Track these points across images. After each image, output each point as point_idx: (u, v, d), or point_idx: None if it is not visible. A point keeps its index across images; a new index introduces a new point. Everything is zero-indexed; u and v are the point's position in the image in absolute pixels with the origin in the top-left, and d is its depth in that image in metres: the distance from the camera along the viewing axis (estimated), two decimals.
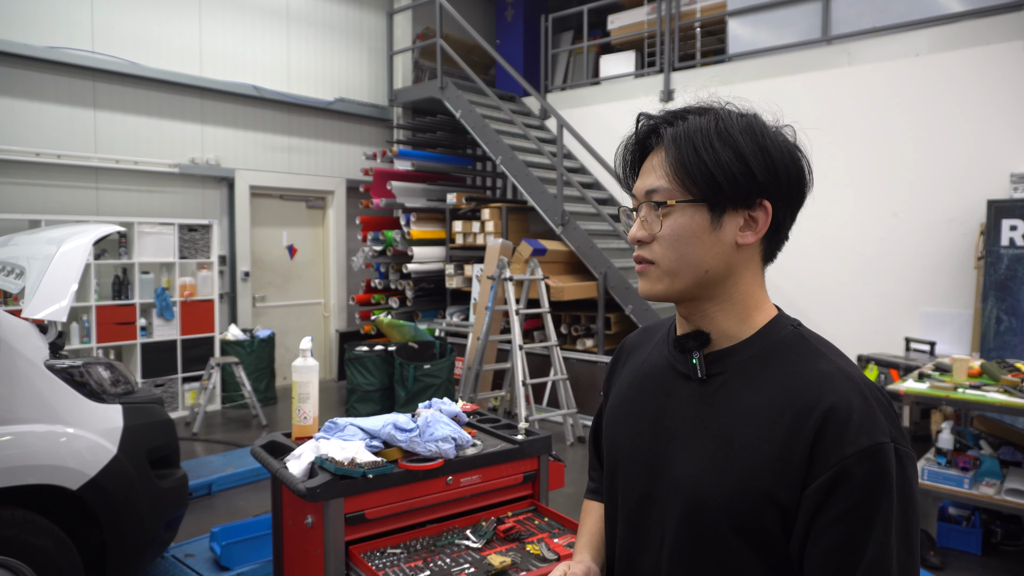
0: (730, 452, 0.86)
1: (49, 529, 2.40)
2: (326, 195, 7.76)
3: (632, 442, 0.99)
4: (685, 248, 0.89)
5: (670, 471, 0.92)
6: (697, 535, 0.88)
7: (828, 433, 0.81)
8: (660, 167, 0.91)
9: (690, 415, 0.92)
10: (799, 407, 0.84)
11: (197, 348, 6.12)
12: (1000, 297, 4.74)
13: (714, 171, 0.86)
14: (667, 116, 0.93)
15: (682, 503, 0.90)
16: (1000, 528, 3.58)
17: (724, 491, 0.85)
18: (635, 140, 0.96)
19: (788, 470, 0.82)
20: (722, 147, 0.87)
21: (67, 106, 5.76)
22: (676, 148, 0.89)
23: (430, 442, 1.99)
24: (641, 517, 0.97)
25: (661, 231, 0.90)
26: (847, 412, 0.81)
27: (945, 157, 5.23)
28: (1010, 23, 4.99)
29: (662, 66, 6.98)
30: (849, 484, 0.78)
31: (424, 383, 5.78)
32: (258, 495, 4.24)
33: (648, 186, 0.92)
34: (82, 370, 2.70)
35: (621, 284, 5.92)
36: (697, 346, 0.93)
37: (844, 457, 0.79)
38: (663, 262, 0.91)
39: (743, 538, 0.85)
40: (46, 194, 5.66)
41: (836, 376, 0.85)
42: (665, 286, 0.92)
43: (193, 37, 6.49)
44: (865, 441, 0.79)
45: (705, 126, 0.88)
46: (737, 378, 0.90)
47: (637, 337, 1.13)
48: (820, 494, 0.80)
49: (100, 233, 3.06)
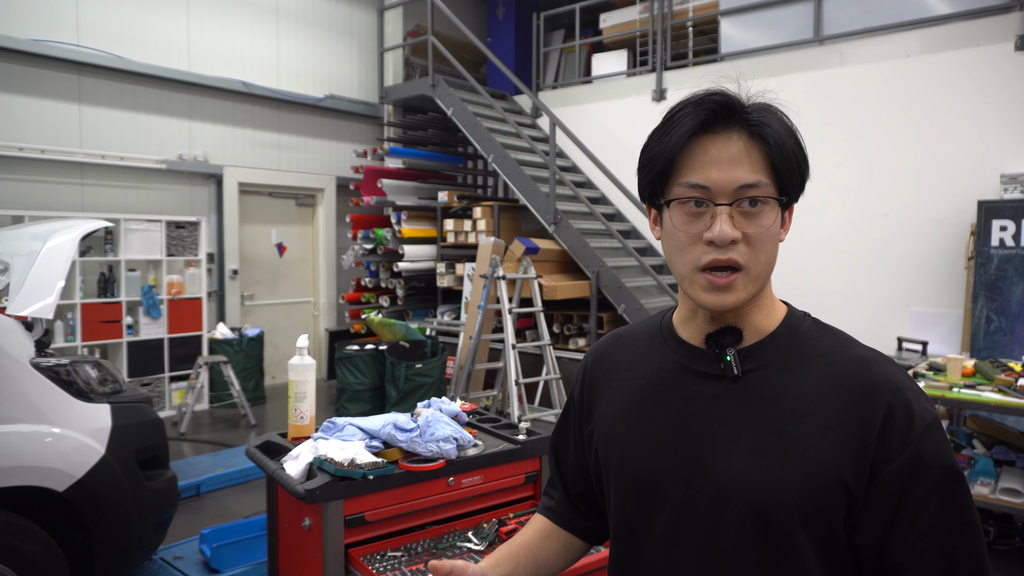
0: (790, 446, 0.83)
1: (34, 532, 2.34)
2: (316, 193, 7.69)
3: (656, 457, 0.91)
4: (771, 248, 0.86)
5: (715, 477, 0.86)
6: (764, 538, 0.83)
7: (896, 416, 0.81)
8: (751, 159, 0.83)
9: (727, 416, 0.87)
10: (855, 392, 0.83)
11: (185, 347, 6.03)
12: (990, 297, 4.77)
13: (802, 171, 0.87)
14: (741, 104, 0.85)
15: (741, 507, 0.84)
16: (993, 527, 3.59)
17: (792, 486, 0.82)
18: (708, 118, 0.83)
19: (858, 455, 0.81)
20: (797, 147, 0.86)
21: (51, 100, 5.65)
22: (779, 142, 0.84)
23: (431, 442, 1.95)
24: (676, 535, 0.88)
25: (759, 230, 0.83)
26: (905, 393, 0.83)
27: (936, 158, 5.25)
28: (1000, 24, 5.02)
29: (654, 65, 6.97)
30: (927, 462, 0.80)
31: (415, 382, 5.73)
32: (248, 496, 4.18)
33: (744, 179, 0.82)
34: (69, 368, 2.63)
35: (614, 283, 5.90)
36: (734, 342, 0.89)
37: (916, 437, 0.80)
38: (754, 266, 0.84)
39: (810, 533, 0.82)
40: (29, 189, 5.55)
41: (877, 359, 0.86)
42: (749, 293, 0.86)
43: (181, 31, 6.39)
44: (928, 417, 0.82)
45: (778, 119, 0.86)
46: (776, 371, 0.87)
47: (609, 346, 1.05)
48: (901, 475, 0.80)
49: (87, 229, 2.99)
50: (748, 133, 0.84)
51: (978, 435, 3.86)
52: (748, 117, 0.84)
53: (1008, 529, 3.60)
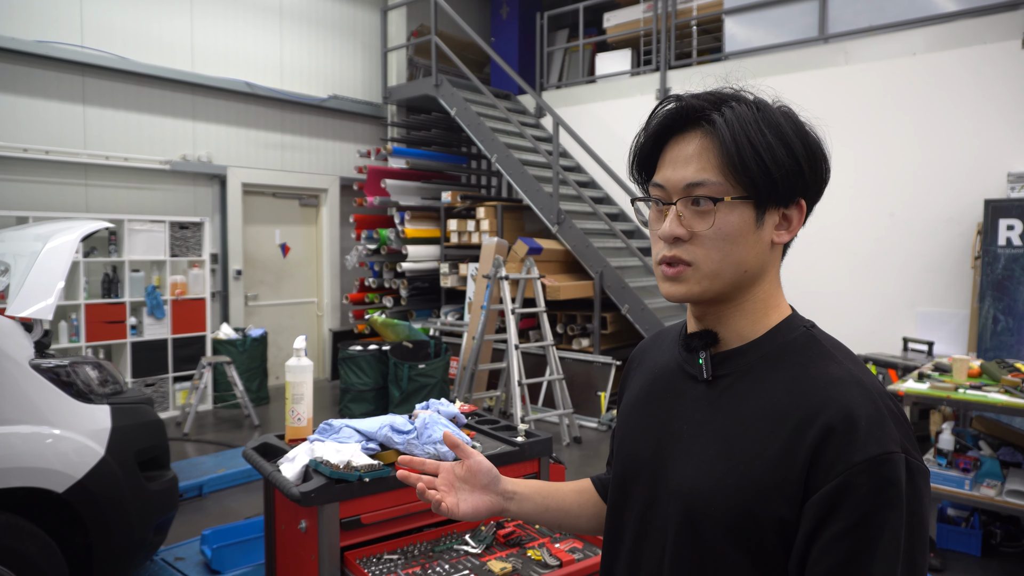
0: (730, 457, 0.82)
1: (34, 533, 2.33)
2: (319, 193, 7.69)
3: (639, 447, 0.95)
4: (730, 248, 0.83)
5: (673, 475, 0.88)
6: (693, 543, 0.83)
7: (834, 439, 0.75)
8: (704, 158, 0.82)
9: (696, 418, 0.88)
10: (804, 411, 0.78)
11: (188, 347, 6.04)
12: (997, 297, 4.72)
13: (772, 168, 0.80)
14: (705, 99, 0.84)
15: (680, 509, 0.85)
16: (1000, 529, 3.56)
17: (720, 497, 0.80)
18: (662, 122, 0.85)
19: (789, 478, 0.76)
20: (776, 141, 0.81)
21: (56, 101, 5.67)
22: (732, 139, 0.80)
23: (428, 444, 1.94)
24: (644, 524, 0.92)
25: (706, 230, 0.82)
26: (855, 418, 0.75)
27: (942, 156, 5.21)
28: (1007, 22, 4.98)
29: (658, 64, 6.94)
30: (855, 496, 0.72)
31: (419, 383, 5.72)
32: (250, 497, 4.18)
33: (690, 178, 0.82)
34: (69, 369, 2.63)
35: (617, 283, 5.88)
36: (703, 345, 0.88)
37: (851, 466, 0.73)
38: (704, 264, 0.83)
39: (739, 549, 0.80)
40: (34, 190, 5.57)
41: (846, 380, 0.79)
42: (703, 288, 0.84)
43: (185, 32, 6.40)
44: (874, 449, 0.73)
45: (754, 117, 0.81)
46: (743, 380, 0.85)
47: (650, 341, 1.09)
48: (824, 505, 0.74)
49: (87, 230, 2.99)
50: (703, 132, 0.83)
51: (984, 436, 3.82)
52: (706, 116, 0.82)
53: (1015, 531, 3.57)
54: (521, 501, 1.07)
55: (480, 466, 1.03)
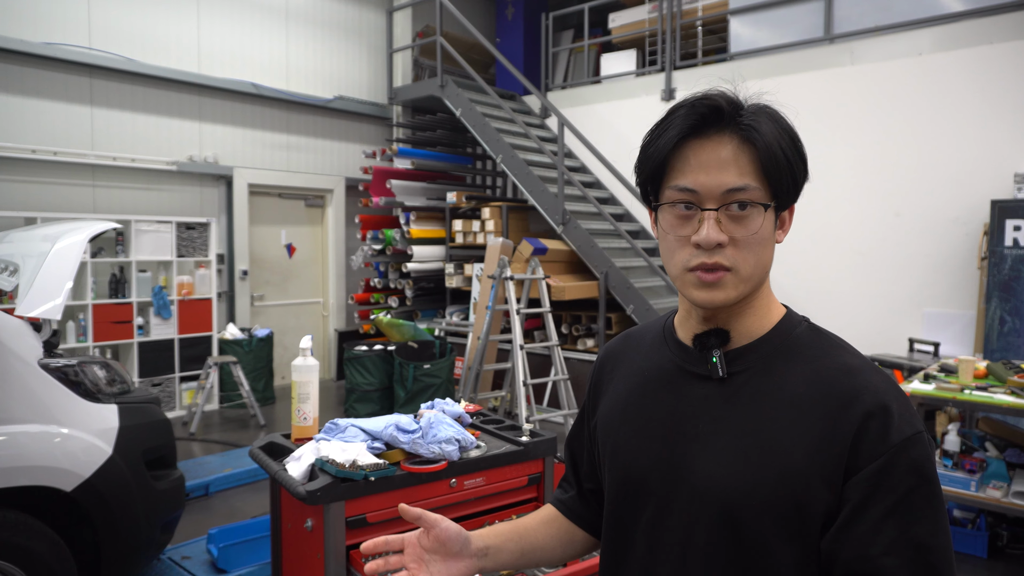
0: (765, 449, 0.83)
1: (42, 531, 2.36)
2: (325, 194, 7.71)
3: (643, 451, 0.94)
4: (763, 252, 0.86)
5: (693, 477, 0.88)
6: (734, 540, 0.84)
7: (874, 424, 0.80)
8: (740, 162, 0.83)
9: (712, 416, 0.89)
10: (836, 399, 0.82)
11: (195, 347, 6.07)
12: (1004, 298, 4.71)
13: (798, 176, 0.86)
14: (733, 102, 0.85)
15: (714, 508, 0.85)
16: (1006, 531, 3.54)
17: (763, 490, 0.82)
18: (693, 123, 0.84)
19: (829, 463, 0.80)
20: (793, 150, 0.86)
21: (64, 103, 5.71)
22: (771, 146, 0.83)
23: (433, 444, 1.95)
24: (658, 530, 0.91)
25: (748, 235, 0.84)
26: (888, 403, 0.81)
27: (948, 157, 5.19)
28: (1014, 22, 4.96)
29: (663, 65, 6.94)
30: (896, 474, 0.78)
31: (424, 383, 5.73)
32: (256, 496, 4.20)
33: (731, 183, 0.83)
34: (77, 369, 2.66)
35: (622, 284, 5.88)
36: (719, 344, 0.90)
37: (892, 446, 0.79)
38: (743, 268, 0.85)
39: (784, 539, 0.82)
40: (42, 191, 5.61)
41: (867, 369, 0.85)
42: (740, 292, 0.86)
43: (191, 34, 6.44)
44: (908, 431, 0.80)
45: (775, 123, 0.85)
46: (759, 375, 0.87)
47: (620, 344, 1.08)
48: (868, 485, 0.78)
49: (95, 231, 3.02)
50: (739, 137, 0.84)
51: (990, 437, 3.81)
52: (739, 120, 0.84)
53: (1021, 533, 3.55)
54: (496, 554, 1.01)
55: (448, 533, 0.96)
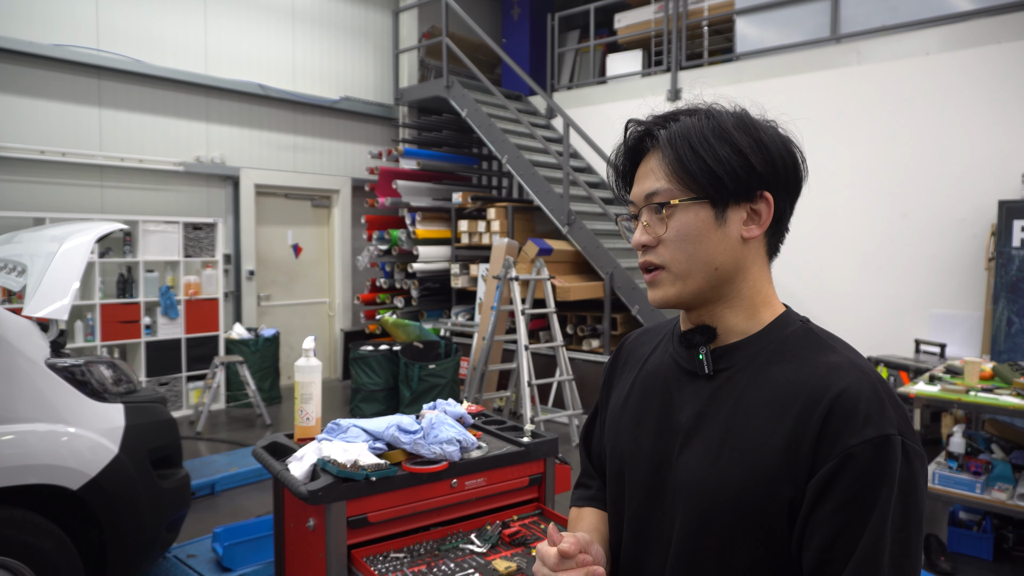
0: (736, 447, 0.85)
1: (49, 529, 2.38)
2: (331, 194, 7.74)
3: (637, 442, 0.97)
4: (693, 247, 0.88)
5: (675, 469, 0.91)
6: (703, 534, 0.86)
7: (834, 421, 0.79)
8: (658, 169, 0.90)
9: (696, 412, 0.91)
10: (806, 397, 0.82)
11: (201, 347, 6.10)
12: (1011, 299, 4.68)
13: (714, 167, 0.86)
14: (657, 119, 0.92)
15: (687, 501, 0.88)
16: (1012, 533, 3.52)
17: (731, 487, 0.83)
18: (627, 147, 0.95)
19: (796, 462, 0.80)
20: (718, 143, 0.87)
21: (72, 104, 5.75)
22: (672, 148, 0.88)
23: (434, 444, 1.96)
24: (647, 520, 0.94)
25: (667, 233, 0.89)
26: (854, 401, 0.79)
27: (956, 157, 5.17)
28: (1021, 21, 4.93)
29: (669, 65, 6.93)
30: (850, 475, 0.76)
31: (429, 383, 5.75)
32: (262, 495, 4.22)
33: (647, 189, 0.91)
34: (83, 369, 2.68)
35: (627, 284, 5.88)
36: (704, 341, 0.91)
37: (849, 447, 0.77)
38: (673, 265, 0.90)
39: (750, 536, 0.83)
40: (50, 192, 5.66)
41: (845, 366, 0.83)
42: (678, 290, 0.90)
43: (198, 35, 6.47)
44: (871, 432, 0.77)
45: (698, 124, 0.88)
46: (744, 373, 0.88)
47: (638, 338, 1.12)
48: (821, 484, 0.78)
49: (102, 231, 3.04)
50: (656, 147, 0.91)
51: (996, 439, 3.79)
52: (659, 133, 0.90)
53: None
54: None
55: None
